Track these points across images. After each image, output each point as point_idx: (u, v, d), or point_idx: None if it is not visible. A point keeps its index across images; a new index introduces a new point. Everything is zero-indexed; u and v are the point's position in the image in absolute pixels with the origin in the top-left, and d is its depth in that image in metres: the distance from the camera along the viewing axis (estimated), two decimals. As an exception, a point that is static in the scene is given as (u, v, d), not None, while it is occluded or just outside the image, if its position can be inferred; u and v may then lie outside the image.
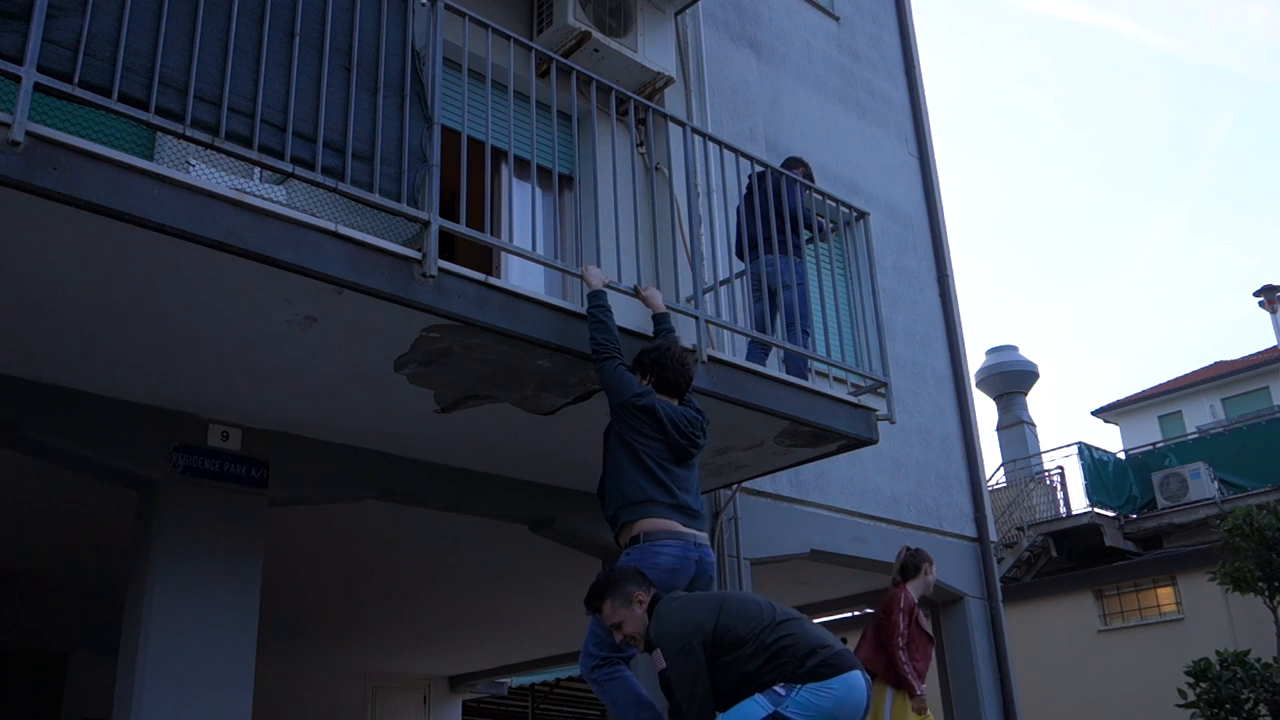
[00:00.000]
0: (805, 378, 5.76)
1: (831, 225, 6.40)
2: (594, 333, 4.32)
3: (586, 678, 4.00)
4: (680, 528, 4.02)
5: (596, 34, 6.49)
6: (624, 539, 4.11)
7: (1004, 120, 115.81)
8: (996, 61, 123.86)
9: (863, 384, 6.13)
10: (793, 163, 6.47)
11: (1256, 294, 21.37)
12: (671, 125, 5.74)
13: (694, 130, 5.53)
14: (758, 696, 3.28)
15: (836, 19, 9.64)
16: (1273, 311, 21.25)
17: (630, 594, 3.60)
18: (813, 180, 6.48)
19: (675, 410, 4.23)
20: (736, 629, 3.38)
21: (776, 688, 3.28)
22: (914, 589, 5.98)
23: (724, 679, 3.35)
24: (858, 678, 3.35)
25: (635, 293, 4.82)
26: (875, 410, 5.83)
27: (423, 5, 4.41)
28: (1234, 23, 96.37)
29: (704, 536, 4.15)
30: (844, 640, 5.82)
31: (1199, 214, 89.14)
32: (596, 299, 4.41)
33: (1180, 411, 25.11)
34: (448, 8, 4.41)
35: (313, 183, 3.86)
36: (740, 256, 6.07)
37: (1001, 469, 19.52)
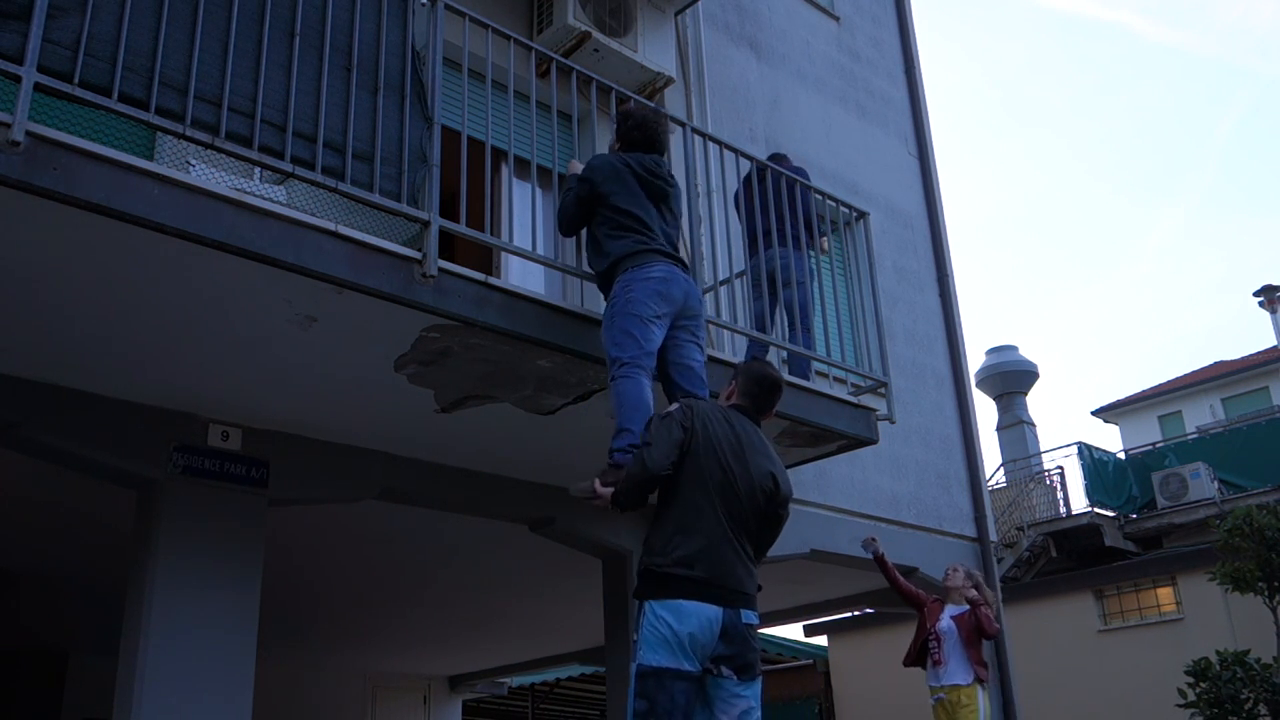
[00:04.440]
0: (808, 378, 5.75)
1: (832, 226, 6.38)
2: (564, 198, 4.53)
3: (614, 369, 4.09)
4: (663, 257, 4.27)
5: (596, 34, 6.49)
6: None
7: (1005, 117, 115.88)
8: (1001, 56, 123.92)
9: (863, 384, 6.13)
10: (775, 158, 6.39)
11: (1256, 294, 21.39)
12: (671, 125, 5.73)
13: (694, 130, 5.53)
14: (631, 664, 3.27)
15: (836, 19, 9.64)
16: (1273, 311, 21.26)
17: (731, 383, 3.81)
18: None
19: (645, 159, 4.47)
20: (699, 467, 3.39)
21: (633, 634, 3.28)
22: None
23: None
24: (707, 612, 3.19)
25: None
26: (875, 410, 5.83)
27: (423, 5, 4.41)
28: (1241, 16, 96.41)
29: (691, 278, 4.38)
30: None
31: (1200, 214, 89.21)
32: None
33: (1180, 411, 25.09)
34: (448, 8, 4.42)
35: (313, 183, 3.86)
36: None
37: (1001, 469, 19.52)
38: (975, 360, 22.87)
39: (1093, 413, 27.21)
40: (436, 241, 4.03)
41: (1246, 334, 69.36)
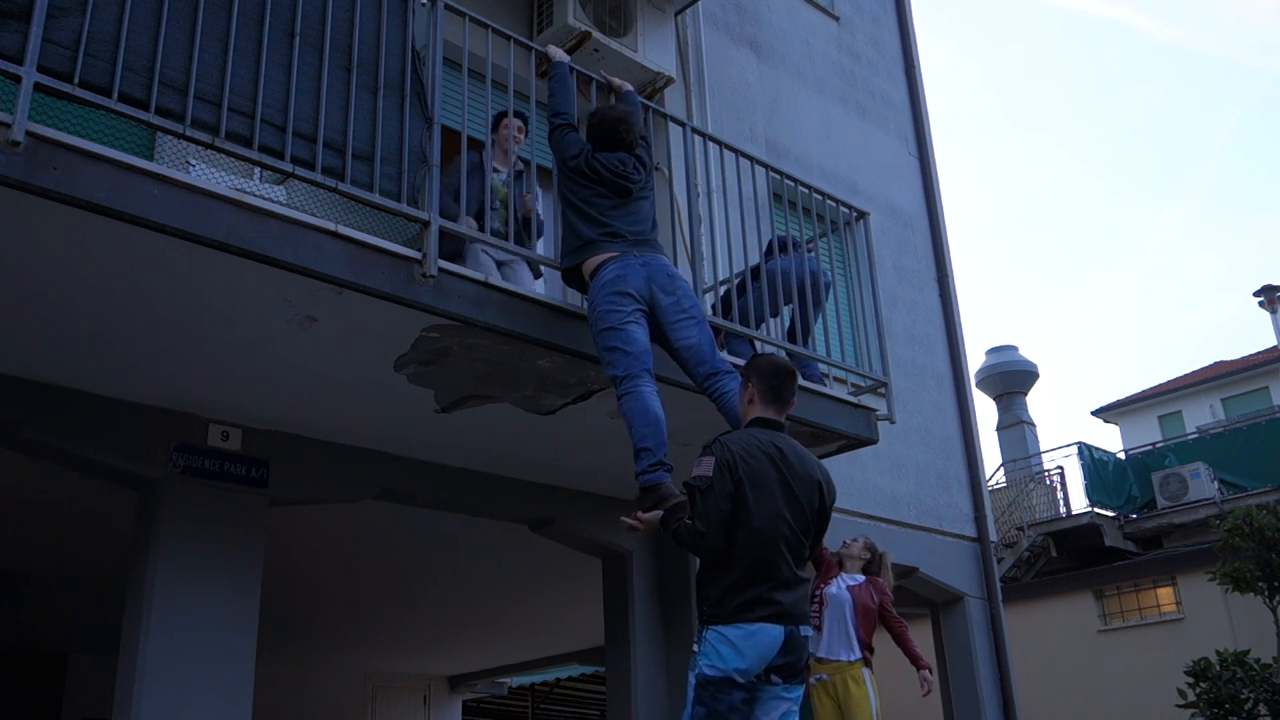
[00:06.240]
0: (823, 382, 5.74)
1: (832, 226, 6.36)
2: (556, 102, 4.70)
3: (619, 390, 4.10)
4: (616, 254, 4.32)
5: (596, 34, 6.49)
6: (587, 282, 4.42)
7: (1005, 115, 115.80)
8: (1001, 54, 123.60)
9: (863, 384, 6.13)
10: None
11: (1256, 294, 21.32)
12: (671, 125, 5.73)
13: (694, 130, 5.54)
14: (689, 673, 3.37)
15: (836, 19, 9.64)
16: (1273, 311, 21.22)
17: (747, 385, 3.74)
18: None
19: (609, 159, 4.54)
20: (751, 520, 3.39)
21: (694, 645, 3.38)
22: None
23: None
24: (772, 632, 3.31)
25: (606, 82, 5.14)
26: (875, 410, 5.83)
27: (423, 5, 4.41)
28: (1244, 14, 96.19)
29: (654, 255, 4.41)
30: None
31: (1201, 213, 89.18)
32: (559, 68, 4.79)
33: (1180, 411, 25.09)
34: (448, 8, 4.42)
35: (313, 183, 3.86)
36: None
37: (1001, 469, 19.52)
38: (975, 360, 22.87)
39: (1093, 413, 27.21)
40: (436, 241, 4.03)
41: (1246, 334, 69.32)
